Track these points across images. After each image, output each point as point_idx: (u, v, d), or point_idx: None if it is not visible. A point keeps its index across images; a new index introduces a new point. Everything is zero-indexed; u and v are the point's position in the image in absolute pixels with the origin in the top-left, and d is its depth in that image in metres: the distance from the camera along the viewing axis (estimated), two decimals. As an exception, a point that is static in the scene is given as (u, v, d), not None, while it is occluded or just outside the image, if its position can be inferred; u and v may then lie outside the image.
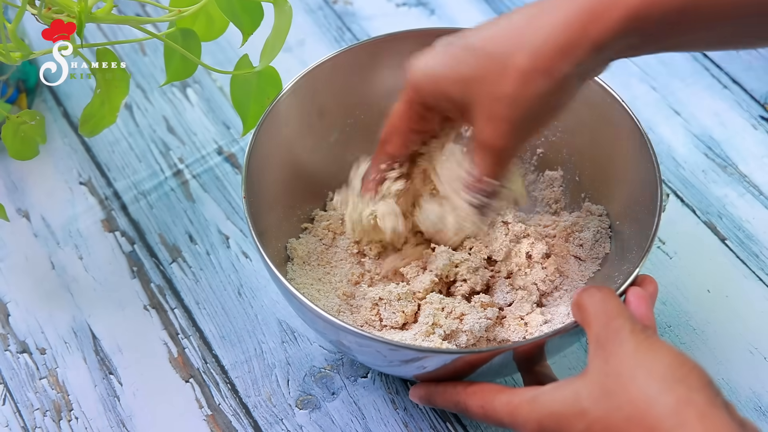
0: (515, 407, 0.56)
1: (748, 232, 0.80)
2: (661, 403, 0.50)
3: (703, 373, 0.52)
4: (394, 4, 0.98)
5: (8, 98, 0.84)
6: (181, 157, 0.86)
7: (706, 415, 0.49)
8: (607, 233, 0.73)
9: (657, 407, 0.50)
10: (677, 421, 0.49)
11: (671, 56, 0.92)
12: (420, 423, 0.70)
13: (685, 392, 0.50)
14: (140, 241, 0.80)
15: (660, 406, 0.50)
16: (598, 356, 0.54)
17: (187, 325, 0.76)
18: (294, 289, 0.62)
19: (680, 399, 0.50)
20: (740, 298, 0.76)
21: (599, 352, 0.54)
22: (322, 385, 0.72)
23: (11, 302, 0.77)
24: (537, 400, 0.55)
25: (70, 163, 0.86)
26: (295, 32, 0.94)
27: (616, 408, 0.51)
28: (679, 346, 0.74)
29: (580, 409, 0.52)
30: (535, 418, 0.55)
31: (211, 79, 0.91)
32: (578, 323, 0.58)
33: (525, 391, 0.56)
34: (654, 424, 0.50)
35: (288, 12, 0.69)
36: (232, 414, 0.71)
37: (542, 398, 0.55)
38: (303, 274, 0.72)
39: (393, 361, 0.63)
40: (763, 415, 0.70)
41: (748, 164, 0.84)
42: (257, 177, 0.69)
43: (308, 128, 0.75)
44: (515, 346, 0.60)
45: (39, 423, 0.71)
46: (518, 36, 0.55)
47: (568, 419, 0.53)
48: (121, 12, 0.93)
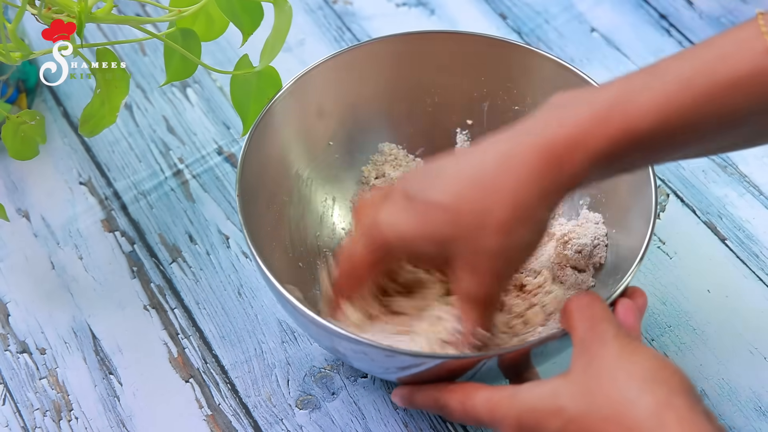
0: (495, 404, 0.56)
1: (748, 232, 0.80)
2: (640, 405, 0.50)
3: (684, 378, 0.52)
4: (394, 4, 0.98)
5: (8, 98, 0.84)
6: (181, 157, 0.86)
7: (686, 419, 0.49)
8: (604, 241, 0.73)
9: (636, 409, 0.50)
10: (656, 423, 0.49)
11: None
12: (420, 423, 0.70)
13: (666, 395, 0.50)
14: (140, 241, 0.80)
15: (639, 408, 0.49)
16: (581, 358, 0.54)
17: (187, 325, 0.76)
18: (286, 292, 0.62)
19: (660, 401, 0.49)
20: (740, 298, 0.76)
21: (583, 353, 0.54)
22: (322, 385, 0.72)
23: (11, 302, 0.77)
24: (516, 396, 0.55)
25: (70, 163, 0.86)
26: (295, 32, 0.94)
27: (596, 408, 0.51)
28: (679, 346, 0.74)
29: (558, 407, 0.52)
30: (514, 414, 0.54)
31: (211, 79, 0.91)
32: (564, 329, 0.58)
33: (505, 389, 0.56)
34: (632, 427, 0.49)
35: (288, 12, 0.69)
36: (232, 414, 0.71)
37: (522, 394, 0.55)
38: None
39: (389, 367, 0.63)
40: (763, 415, 0.70)
41: (748, 164, 0.84)
42: (253, 178, 0.69)
43: (306, 129, 0.75)
44: (501, 353, 0.60)
45: (39, 423, 0.71)
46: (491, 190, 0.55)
47: (546, 416, 0.53)
48: (121, 12, 0.93)
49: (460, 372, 0.61)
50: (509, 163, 0.54)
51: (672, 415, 0.49)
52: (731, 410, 0.70)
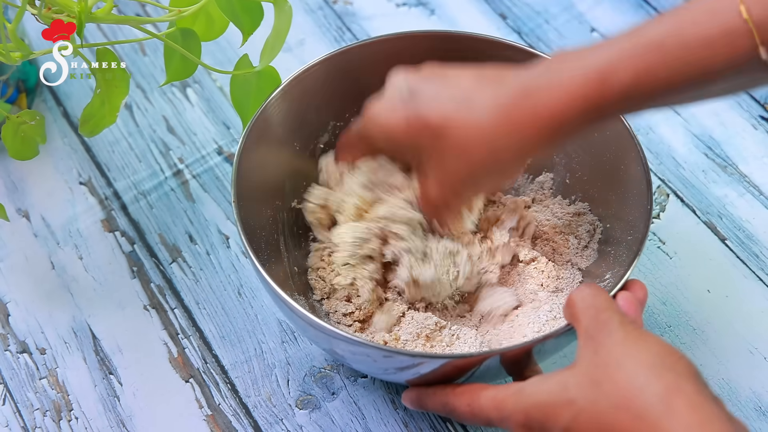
0: (501, 401, 0.56)
1: (748, 232, 0.80)
2: (649, 391, 0.50)
3: (690, 363, 0.52)
4: (394, 4, 0.98)
5: (8, 98, 0.84)
6: (181, 157, 0.86)
7: (696, 403, 0.49)
8: (597, 236, 0.73)
9: (645, 395, 0.50)
10: (665, 408, 0.49)
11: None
12: (420, 423, 0.70)
13: (674, 380, 0.50)
14: (140, 241, 0.80)
15: (648, 394, 0.50)
16: (587, 348, 0.54)
17: (187, 325, 0.76)
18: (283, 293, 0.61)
19: (669, 386, 0.50)
20: (740, 298, 0.76)
21: (588, 343, 0.54)
22: (322, 385, 0.72)
23: (11, 302, 0.77)
24: (523, 392, 0.55)
25: (70, 163, 0.86)
26: (295, 32, 0.94)
27: (604, 396, 0.51)
28: (679, 346, 0.74)
29: (567, 399, 0.52)
30: (522, 409, 0.54)
31: (211, 79, 0.91)
32: (569, 322, 0.58)
33: (510, 386, 0.56)
34: (641, 413, 0.49)
35: (288, 12, 0.69)
36: (232, 414, 0.71)
37: (528, 389, 0.55)
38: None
39: (388, 368, 0.63)
40: (763, 415, 0.70)
41: (748, 164, 0.84)
42: (249, 179, 0.69)
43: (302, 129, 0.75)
44: (503, 351, 0.60)
45: (39, 423, 0.71)
46: (475, 132, 0.59)
47: (555, 409, 0.53)
48: (121, 12, 0.93)
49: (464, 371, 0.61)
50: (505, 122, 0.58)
51: (681, 400, 0.49)
52: (731, 410, 0.70)
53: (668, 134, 0.87)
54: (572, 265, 0.72)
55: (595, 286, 0.58)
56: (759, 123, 0.87)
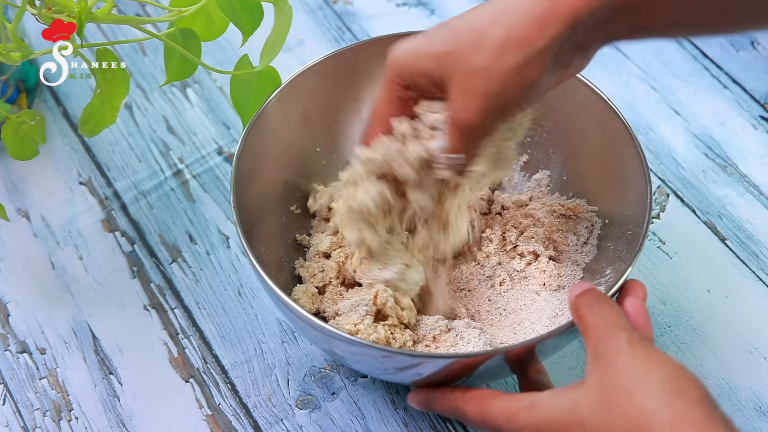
0: (513, 413, 0.56)
1: (748, 232, 0.80)
2: (658, 418, 0.50)
3: (700, 385, 0.52)
4: (394, 4, 0.98)
5: (8, 98, 0.84)
6: (181, 157, 0.86)
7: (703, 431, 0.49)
8: (596, 231, 0.73)
9: (655, 422, 0.50)
10: None
11: (671, 56, 0.92)
12: (420, 423, 0.70)
13: (683, 406, 0.50)
14: (140, 241, 0.80)
15: (657, 421, 0.50)
16: (595, 366, 0.54)
17: (187, 325, 0.76)
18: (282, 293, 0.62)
19: (677, 414, 0.50)
20: (740, 298, 0.76)
21: (597, 361, 0.54)
22: (322, 385, 0.72)
23: (11, 302, 0.77)
24: (535, 407, 0.55)
25: (70, 163, 0.86)
26: (295, 32, 0.94)
27: (613, 420, 0.51)
28: (679, 346, 0.74)
29: (578, 419, 0.53)
30: (533, 424, 0.55)
31: (211, 79, 0.91)
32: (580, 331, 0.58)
33: (523, 397, 0.56)
34: None
35: (288, 12, 0.69)
36: (232, 414, 0.71)
37: (540, 405, 0.55)
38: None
39: (388, 369, 0.63)
40: (763, 415, 0.70)
41: (748, 164, 0.84)
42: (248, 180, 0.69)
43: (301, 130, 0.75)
44: (507, 350, 0.60)
45: (39, 423, 0.71)
46: (493, 13, 0.56)
47: (566, 428, 0.53)
48: (121, 12, 0.93)
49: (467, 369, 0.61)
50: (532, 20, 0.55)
51: (689, 428, 0.50)
52: (731, 410, 0.70)
53: (668, 134, 0.87)
54: (572, 262, 0.72)
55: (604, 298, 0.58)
56: (759, 123, 0.87)
